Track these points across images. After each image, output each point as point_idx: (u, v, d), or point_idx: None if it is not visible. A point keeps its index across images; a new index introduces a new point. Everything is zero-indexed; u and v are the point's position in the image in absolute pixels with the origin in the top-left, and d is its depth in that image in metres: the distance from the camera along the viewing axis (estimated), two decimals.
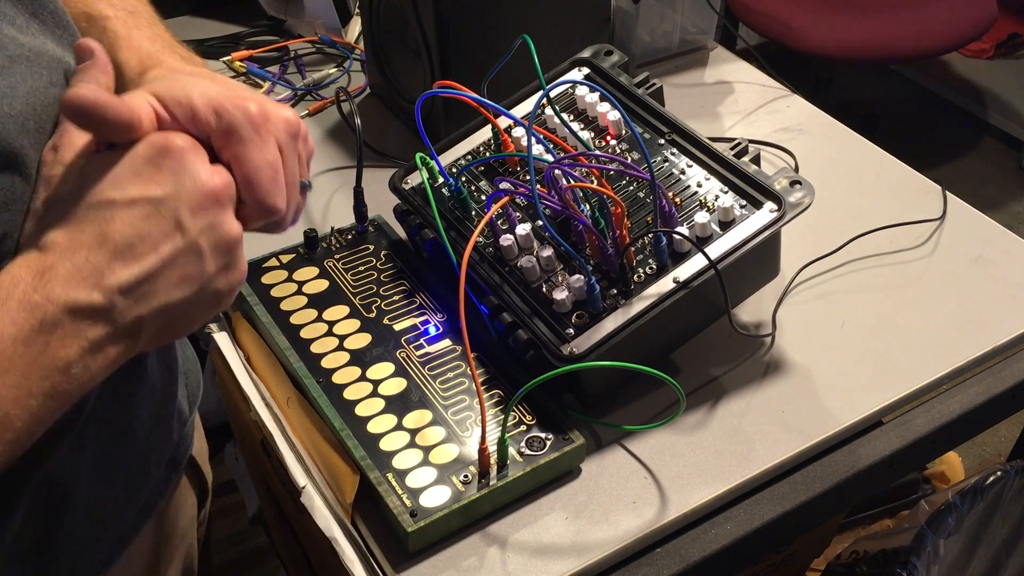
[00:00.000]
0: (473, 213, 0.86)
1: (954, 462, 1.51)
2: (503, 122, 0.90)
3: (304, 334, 0.83)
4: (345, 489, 0.73)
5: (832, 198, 1.02)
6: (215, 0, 1.38)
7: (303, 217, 1.02)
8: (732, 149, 0.84)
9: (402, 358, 0.81)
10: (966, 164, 2.72)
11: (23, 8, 0.55)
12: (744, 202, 0.81)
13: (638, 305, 0.77)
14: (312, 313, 0.85)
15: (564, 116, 0.89)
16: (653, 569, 0.73)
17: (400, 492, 0.71)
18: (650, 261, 0.79)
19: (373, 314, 0.85)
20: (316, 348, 0.82)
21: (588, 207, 0.80)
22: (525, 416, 0.76)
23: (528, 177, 0.85)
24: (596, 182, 0.80)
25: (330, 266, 0.90)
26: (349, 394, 0.78)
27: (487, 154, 0.91)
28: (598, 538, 0.73)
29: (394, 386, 0.79)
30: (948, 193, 1.06)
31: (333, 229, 0.94)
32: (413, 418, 0.76)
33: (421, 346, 0.82)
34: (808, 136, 1.16)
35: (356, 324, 0.84)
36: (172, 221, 0.49)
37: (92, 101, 0.48)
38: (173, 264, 0.49)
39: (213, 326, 0.88)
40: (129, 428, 0.67)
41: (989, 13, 2.22)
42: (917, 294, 0.94)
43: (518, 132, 0.90)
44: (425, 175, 0.87)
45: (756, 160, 0.85)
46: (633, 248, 0.79)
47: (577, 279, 0.78)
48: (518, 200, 0.86)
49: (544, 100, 0.90)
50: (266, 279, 0.88)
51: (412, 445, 0.74)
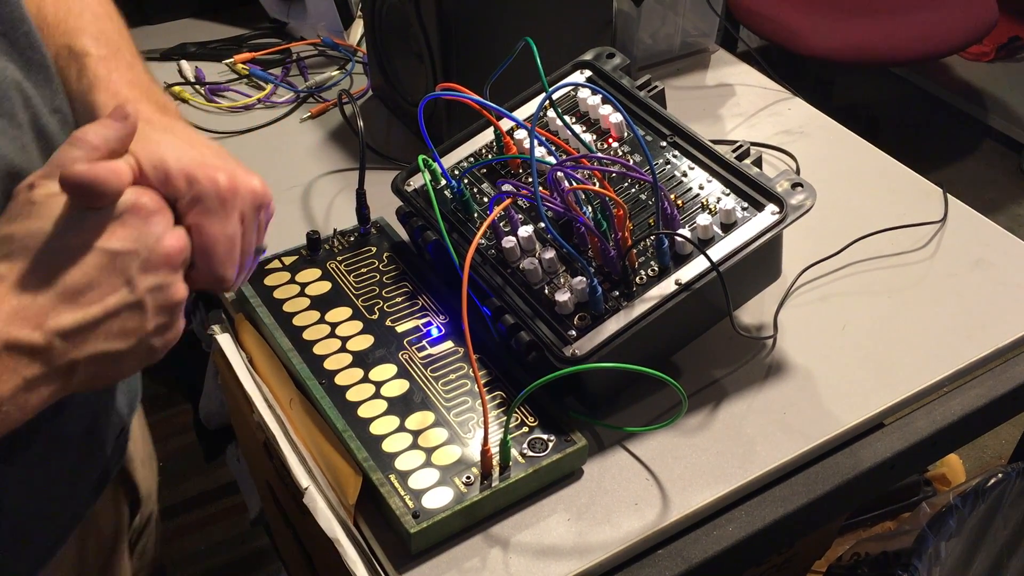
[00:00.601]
0: (475, 215, 0.87)
1: (955, 464, 1.51)
2: (505, 124, 0.90)
3: (307, 336, 0.83)
4: (348, 490, 0.73)
5: (833, 200, 1.02)
6: (218, 3, 1.39)
7: (306, 219, 1.02)
8: (734, 151, 0.85)
9: (404, 360, 0.81)
10: (967, 167, 2.73)
11: None
12: (746, 204, 0.81)
13: (640, 307, 0.77)
14: (315, 315, 0.85)
15: (566, 118, 0.89)
16: (655, 570, 0.73)
17: (403, 493, 0.71)
18: (652, 263, 0.79)
19: (376, 316, 0.85)
20: (319, 350, 0.82)
21: (590, 209, 0.81)
22: (527, 418, 0.76)
23: (530, 179, 0.85)
24: (598, 184, 0.81)
25: (333, 268, 0.90)
26: (352, 396, 0.78)
27: (489, 156, 0.91)
28: (600, 539, 0.73)
29: (397, 388, 0.79)
30: (949, 196, 1.06)
31: (336, 231, 0.94)
32: (415, 420, 0.76)
33: (423, 348, 0.82)
34: (809, 139, 1.16)
35: (359, 326, 0.84)
36: (124, 275, 0.50)
37: (89, 180, 0.50)
38: (116, 316, 0.50)
39: (216, 327, 0.89)
40: (60, 442, 0.66)
41: (990, 16, 2.22)
42: (918, 296, 0.94)
43: (520, 134, 0.90)
44: (427, 177, 0.87)
45: (758, 162, 0.85)
46: (635, 250, 0.79)
47: (579, 281, 0.78)
48: (520, 202, 0.86)
49: (546, 102, 0.90)
50: (269, 281, 0.88)
51: (414, 446, 0.74)
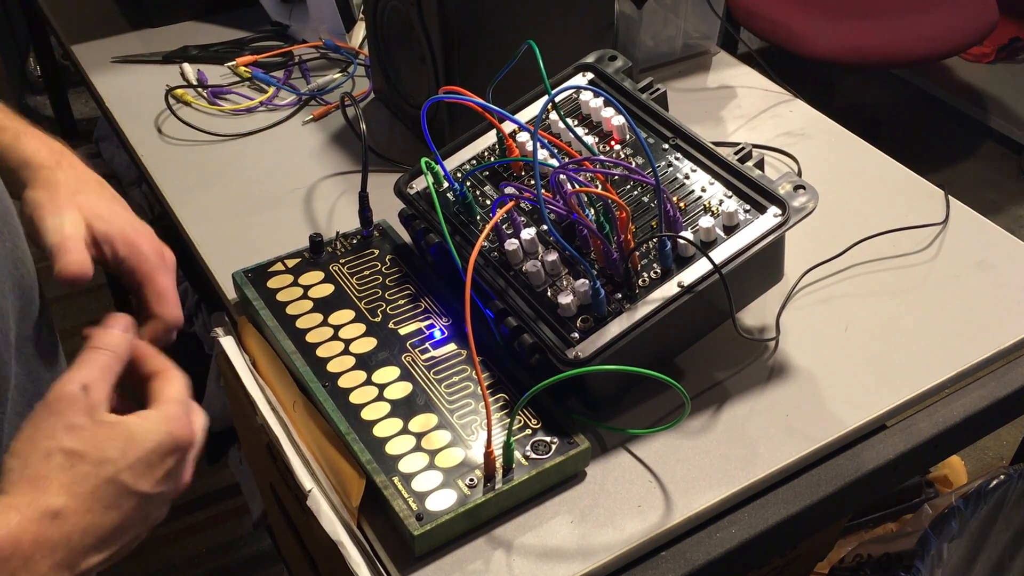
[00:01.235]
0: (478, 218, 0.87)
1: (957, 466, 1.51)
2: (508, 127, 0.91)
3: (310, 338, 0.83)
4: (351, 493, 0.73)
5: (835, 202, 1.02)
6: (219, 5, 1.39)
7: (309, 221, 1.03)
8: (736, 154, 0.85)
9: (408, 362, 0.81)
10: (968, 168, 2.73)
11: None
12: (748, 207, 0.81)
13: (643, 309, 0.77)
14: (318, 317, 0.85)
15: (569, 121, 0.90)
16: (658, 572, 0.73)
17: (406, 496, 0.71)
18: (655, 265, 0.79)
19: (378, 318, 0.85)
20: (322, 352, 0.82)
21: (593, 212, 0.81)
22: (530, 420, 0.77)
23: (533, 182, 0.85)
24: (601, 187, 0.81)
25: (335, 270, 0.90)
26: (355, 398, 0.78)
27: (492, 159, 0.91)
28: (603, 541, 0.73)
29: (400, 390, 0.79)
30: (951, 197, 1.06)
31: (338, 234, 0.94)
32: (419, 422, 0.76)
33: (426, 350, 0.82)
34: (811, 140, 1.16)
35: (361, 328, 0.84)
36: (148, 511, 0.57)
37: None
38: (117, 530, 0.55)
39: (219, 330, 0.89)
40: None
41: (990, 17, 2.22)
42: (920, 298, 0.94)
43: (523, 137, 0.90)
44: (430, 180, 0.87)
45: (760, 165, 0.85)
46: (638, 252, 0.80)
47: (582, 283, 0.78)
48: (523, 205, 0.86)
49: (549, 105, 0.90)
50: (272, 283, 0.88)
51: (418, 449, 0.74)
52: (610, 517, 0.74)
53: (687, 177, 0.85)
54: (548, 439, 0.75)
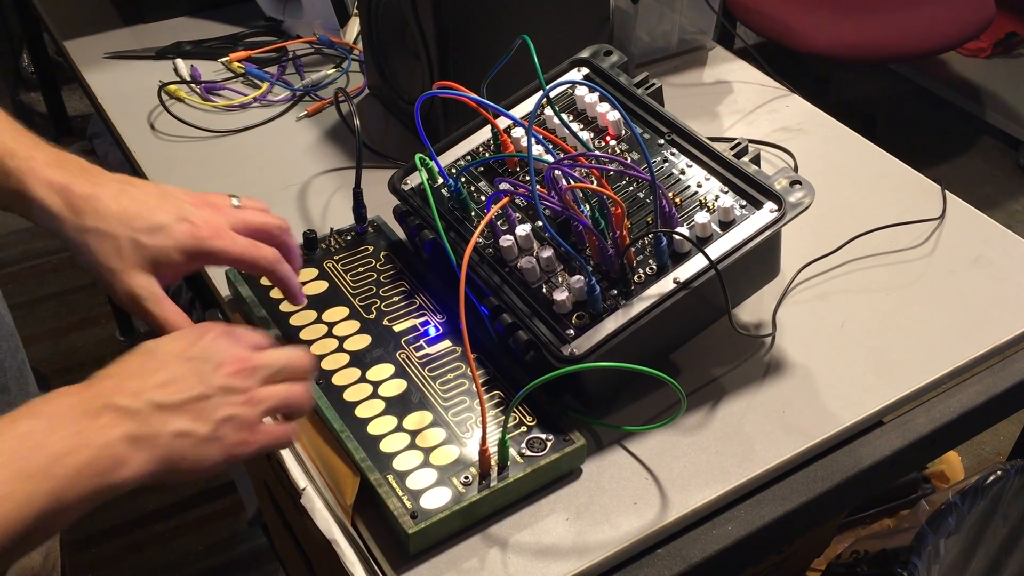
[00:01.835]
0: (473, 214, 0.86)
1: (954, 461, 1.51)
2: (503, 122, 0.90)
3: (304, 336, 0.83)
4: (345, 491, 0.72)
5: (831, 198, 1.02)
6: (213, 1, 1.38)
7: (302, 218, 1.02)
8: (732, 149, 0.84)
9: (402, 359, 0.81)
10: (964, 163, 2.73)
11: None
12: (744, 202, 0.80)
13: (638, 306, 0.77)
14: (311, 314, 0.85)
15: (564, 116, 0.89)
16: (654, 570, 0.73)
17: (400, 494, 0.71)
18: (650, 261, 0.79)
19: (373, 315, 0.85)
20: (316, 350, 0.81)
21: (588, 207, 0.80)
22: (525, 417, 0.76)
23: (528, 178, 0.85)
24: (596, 182, 0.80)
25: (329, 267, 0.90)
26: (349, 396, 0.78)
27: (487, 155, 0.91)
28: (599, 539, 0.72)
29: (394, 387, 0.78)
30: (947, 192, 1.06)
31: (332, 230, 0.93)
32: (413, 419, 0.76)
33: (421, 347, 0.82)
34: (807, 136, 1.16)
35: (356, 325, 0.84)
36: (199, 374, 0.62)
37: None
38: (194, 402, 0.61)
39: None
40: None
41: (987, 12, 2.22)
42: (917, 294, 0.94)
43: (518, 132, 0.89)
44: (424, 176, 0.87)
45: (756, 160, 0.85)
46: (633, 248, 0.79)
47: (577, 280, 0.78)
48: (518, 201, 0.86)
49: (544, 100, 0.90)
50: (265, 280, 0.88)
51: (412, 447, 0.74)
52: (606, 514, 0.74)
53: (683, 173, 0.84)
54: (543, 436, 0.75)
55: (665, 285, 0.77)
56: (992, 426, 0.93)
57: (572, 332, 0.76)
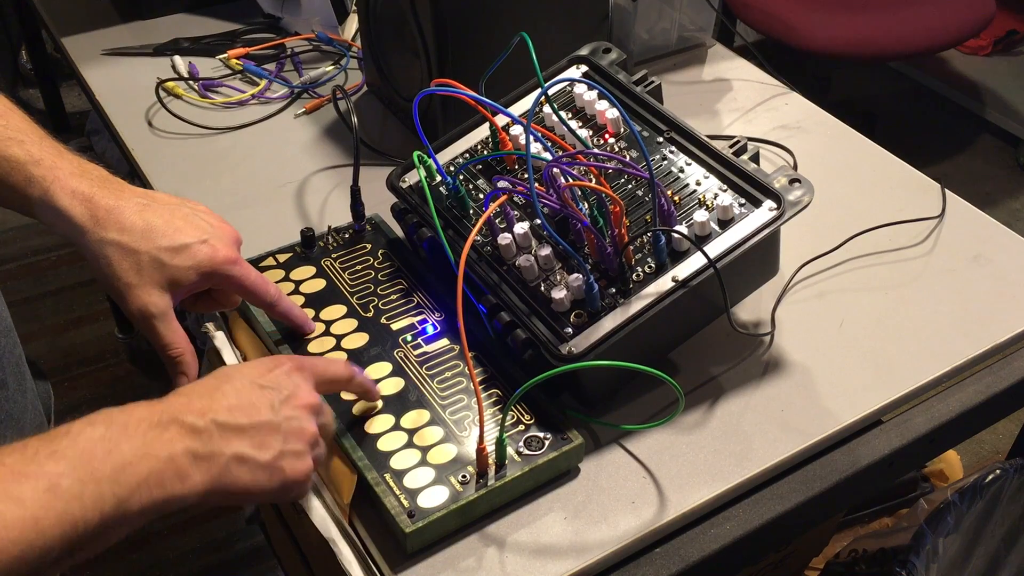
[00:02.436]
0: (471, 212, 0.86)
1: (953, 460, 1.51)
2: (501, 120, 0.90)
3: None
4: (342, 490, 0.72)
5: (831, 196, 1.02)
6: None
7: (300, 215, 1.02)
8: (731, 147, 0.84)
9: (400, 358, 0.80)
10: (964, 161, 2.72)
11: None
12: (743, 200, 0.80)
13: (637, 304, 0.76)
14: (309, 312, 0.84)
15: (562, 114, 0.89)
16: (652, 569, 0.73)
17: (398, 492, 0.70)
18: (649, 260, 0.79)
19: (370, 313, 0.84)
20: (313, 348, 0.81)
21: (587, 206, 0.80)
22: (523, 416, 0.76)
23: (526, 175, 0.84)
24: (595, 180, 0.80)
25: (327, 265, 0.89)
26: (346, 394, 0.77)
27: (485, 152, 0.91)
28: (597, 538, 0.72)
29: (392, 386, 0.78)
30: (947, 191, 1.05)
31: (330, 228, 0.93)
32: (411, 418, 0.76)
33: (419, 345, 0.82)
34: (807, 134, 1.15)
35: (353, 323, 0.83)
36: (269, 402, 0.63)
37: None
38: (259, 429, 0.62)
39: (210, 325, 0.88)
40: None
41: (987, 10, 2.22)
42: (916, 292, 0.94)
43: (516, 130, 0.89)
44: (423, 173, 0.86)
45: (755, 158, 0.84)
46: (632, 247, 0.79)
47: (575, 278, 0.77)
48: (516, 199, 0.86)
49: (542, 98, 0.90)
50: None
51: (410, 445, 0.74)
52: (604, 514, 0.74)
53: (681, 171, 0.84)
54: (541, 435, 0.75)
55: (664, 284, 0.77)
56: (991, 425, 0.93)
57: (570, 330, 0.76)
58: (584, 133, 0.89)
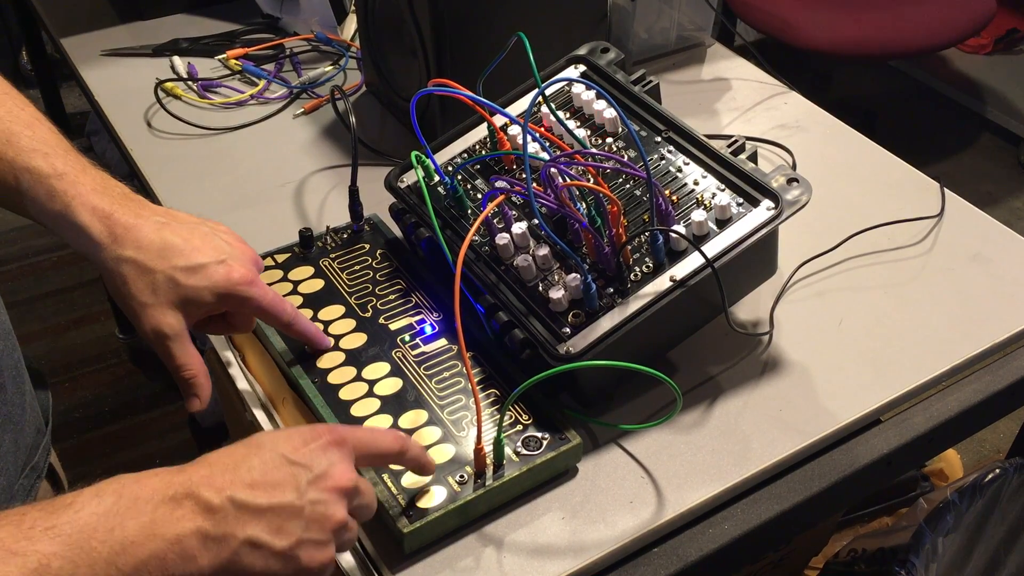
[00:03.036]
0: (469, 212, 0.86)
1: (953, 459, 1.51)
2: (499, 120, 0.90)
3: None
4: None
5: (830, 195, 1.02)
6: None
7: (299, 215, 1.02)
8: (729, 147, 0.84)
9: (398, 358, 0.80)
10: (964, 160, 2.72)
11: None
12: (741, 200, 0.80)
13: (635, 304, 0.76)
14: (307, 313, 0.84)
15: (560, 114, 0.89)
16: (651, 569, 0.73)
17: (395, 492, 0.70)
18: (647, 259, 0.79)
19: (369, 313, 0.84)
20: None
21: (584, 205, 0.80)
22: (521, 416, 0.76)
23: (524, 175, 0.84)
24: (592, 180, 0.80)
25: (325, 265, 0.89)
26: (344, 394, 0.77)
27: (483, 152, 0.91)
28: (595, 538, 0.72)
29: (390, 386, 0.78)
30: (946, 190, 1.05)
31: (328, 228, 0.93)
32: (409, 418, 0.76)
33: (417, 345, 0.81)
34: (806, 133, 1.15)
35: (352, 324, 0.83)
36: (295, 482, 0.59)
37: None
38: (279, 512, 0.58)
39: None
40: None
41: (988, 8, 2.22)
42: (915, 291, 0.94)
43: (514, 130, 0.89)
44: (421, 173, 0.86)
45: (753, 158, 0.84)
46: (630, 246, 0.79)
47: (573, 278, 0.77)
48: (514, 199, 0.86)
49: (540, 98, 0.90)
50: (261, 278, 0.87)
51: None
52: (602, 513, 0.74)
53: (680, 170, 0.84)
54: (539, 435, 0.75)
55: (662, 283, 0.77)
56: (990, 424, 0.93)
57: (568, 330, 0.76)
58: (582, 133, 0.89)
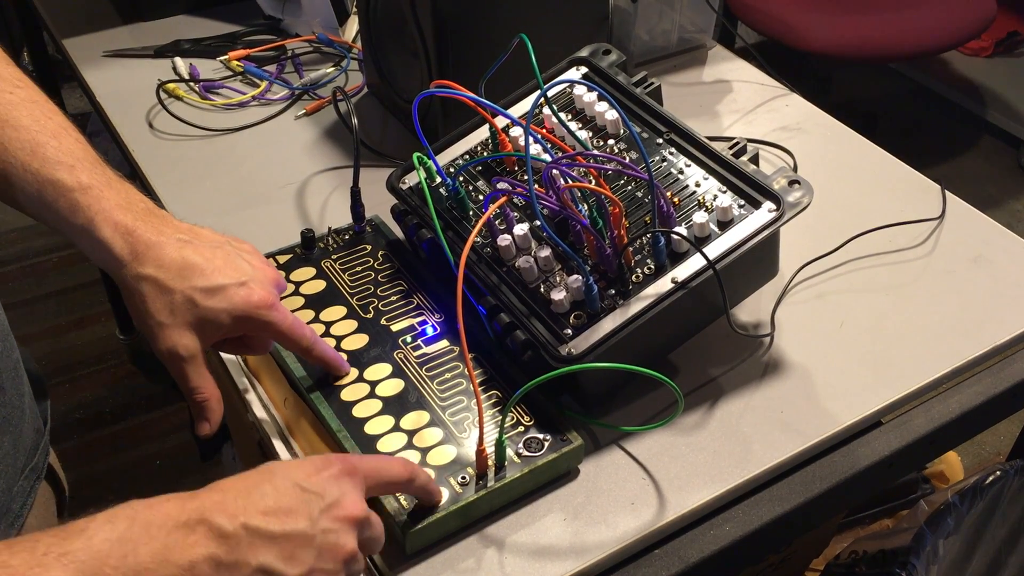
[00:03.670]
0: (471, 213, 0.86)
1: (953, 462, 1.51)
2: (501, 122, 0.90)
3: None
4: None
5: (831, 197, 1.02)
6: None
7: (300, 217, 1.02)
8: (731, 148, 0.84)
9: (399, 359, 0.81)
10: (965, 163, 2.72)
11: None
12: (743, 202, 0.80)
13: (636, 305, 0.76)
14: (309, 314, 0.84)
15: (562, 115, 0.89)
16: (652, 570, 0.73)
17: (397, 493, 0.70)
18: (648, 261, 0.79)
19: (371, 315, 0.84)
20: (347, 395, 0.79)
21: (586, 207, 0.80)
22: (523, 417, 0.76)
23: (526, 177, 0.85)
24: (594, 182, 0.80)
25: (327, 266, 0.89)
26: (346, 395, 0.77)
27: (485, 154, 0.91)
28: (596, 539, 0.72)
29: (391, 387, 0.78)
30: (947, 192, 1.05)
31: (330, 229, 0.93)
32: (410, 419, 0.76)
33: (419, 347, 0.82)
34: (807, 135, 1.15)
35: (353, 325, 0.84)
36: (307, 510, 0.59)
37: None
38: (292, 539, 0.58)
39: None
40: None
41: (988, 11, 2.22)
42: (916, 293, 0.94)
43: (516, 132, 0.89)
44: (422, 175, 0.86)
45: (755, 159, 0.85)
46: (631, 248, 0.79)
47: (575, 279, 0.77)
48: (516, 200, 0.86)
49: (542, 99, 0.90)
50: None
51: (409, 446, 0.74)
52: (603, 515, 0.74)
53: (681, 172, 0.84)
54: (541, 436, 0.75)
55: (663, 285, 0.77)
56: (991, 426, 0.93)
57: (570, 332, 0.76)
58: (584, 135, 0.89)
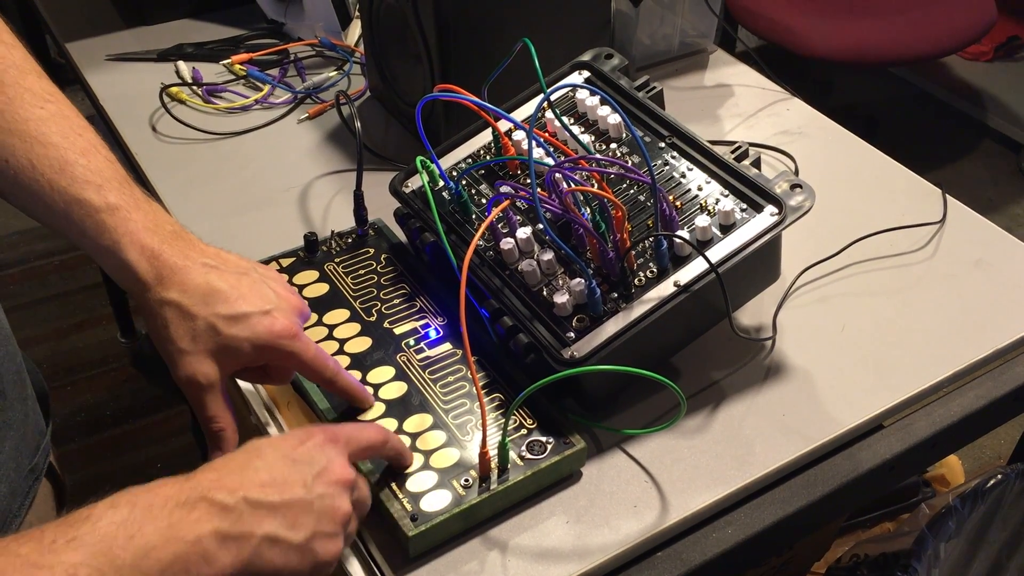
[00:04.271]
0: (474, 217, 0.86)
1: (954, 465, 1.51)
2: (503, 125, 0.90)
3: None
4: None
5: (832, 201, 1.02)
6: (214, 3, 1.38)
7: (303, 220, 1.02)
8: (732, 152, 0.84)
9: (402, 362, 0.81)
10: (966, 167, 2.72)
11: None
12: (745, 205, 0.81)
13: (639, 309, 0.77)
14: (312, 317, 0.85)
15: (564, 119, 0.89)
16: (654, 573, 0.73)
17: (400, 496, 0.71)
18: (651, 265, 0.79)
19: (373, 318, 0.85)
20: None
21: (589, 211, 0.80)
22: (526, 420, 0.76)
23: (529, 181, 0.85)
24: (597, 186, 0.80)
25: (330, 270, 0.90)
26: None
27: (488, 157, 0.91)
28: (599, 542, 0.72)
29: (394, 390, 0.78)
30: (948, 196, 1.06)
31: (333, 232, 0.93)
32: (414, 422, 0.76)
33: (421, 350, 0.82)
34: (808, 139, 1.16)
35: (356, 328, 0.84)
36: (301, 478, 0.61)
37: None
38: (291, 507, 0.60)
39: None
40: None
41: (988, 16, 2.22)
42: (917, 297, 0.94)
43: (518, 135, 0.89)
44: (425, 178, 0.87)
45: (756, 163, 0.85)
46: (634, 252, 0.79)
47: (578, 283, 0.78)
48: (519, 204, 0.86)
49: (544, 103, 0.90)
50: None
51: (413, 449, 0.74)
52: (606, 517, 0.74)
53: (683, 176, 0.84)
54: (543, 439, 0.75)
55: (665, 288, 0.77)
56: (992, 430, 0.93)
57: (572, 335, 0.76)
58: (586, 138, 0.90)
